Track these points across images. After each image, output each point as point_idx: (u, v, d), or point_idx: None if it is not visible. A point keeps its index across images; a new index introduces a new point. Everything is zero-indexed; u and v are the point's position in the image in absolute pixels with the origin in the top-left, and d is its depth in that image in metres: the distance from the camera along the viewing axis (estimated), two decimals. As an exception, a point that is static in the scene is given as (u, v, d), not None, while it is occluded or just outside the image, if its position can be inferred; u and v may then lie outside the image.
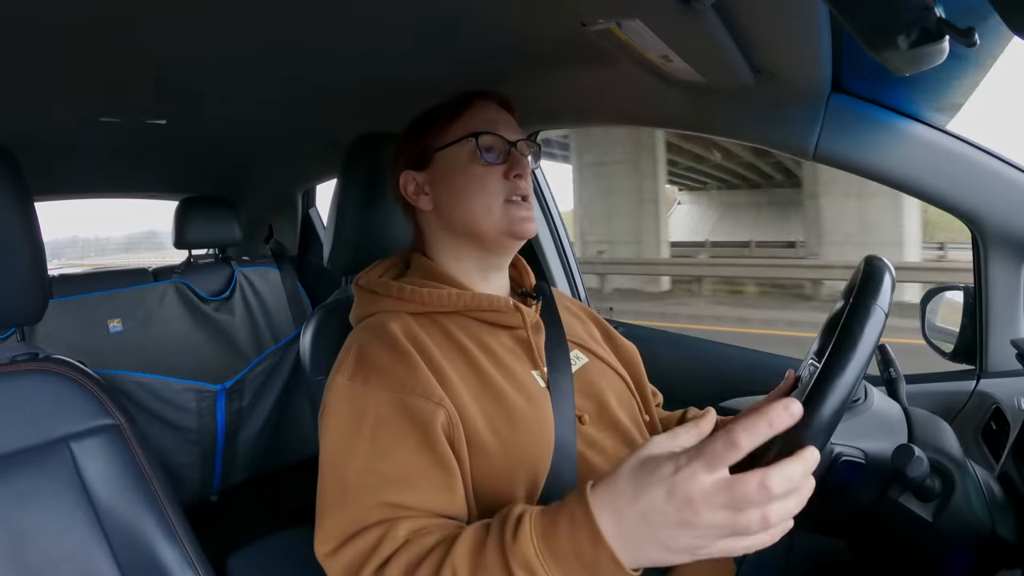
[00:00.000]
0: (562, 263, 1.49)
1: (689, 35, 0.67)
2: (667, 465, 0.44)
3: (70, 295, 1.53)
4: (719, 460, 0.43)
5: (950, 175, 0.83)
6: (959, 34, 0.46)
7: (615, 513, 0.45)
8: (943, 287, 0.97)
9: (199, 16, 0.78)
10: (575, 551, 0.46)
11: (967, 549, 0.57)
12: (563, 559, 0.46)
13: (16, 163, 0.76)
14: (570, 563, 0.46)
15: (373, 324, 0.71)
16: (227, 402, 1.53)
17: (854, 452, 0.59)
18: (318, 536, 0.59)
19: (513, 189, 0.74)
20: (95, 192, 2.01)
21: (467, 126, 0.75)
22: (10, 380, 0.77)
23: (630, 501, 0.45)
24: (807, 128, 0.85)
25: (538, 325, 0.77)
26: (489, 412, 0.66)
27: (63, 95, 1.05)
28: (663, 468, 0.44)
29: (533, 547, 0.47)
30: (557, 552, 0.47)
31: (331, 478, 0.61)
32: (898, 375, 0.71)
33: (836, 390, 0.52)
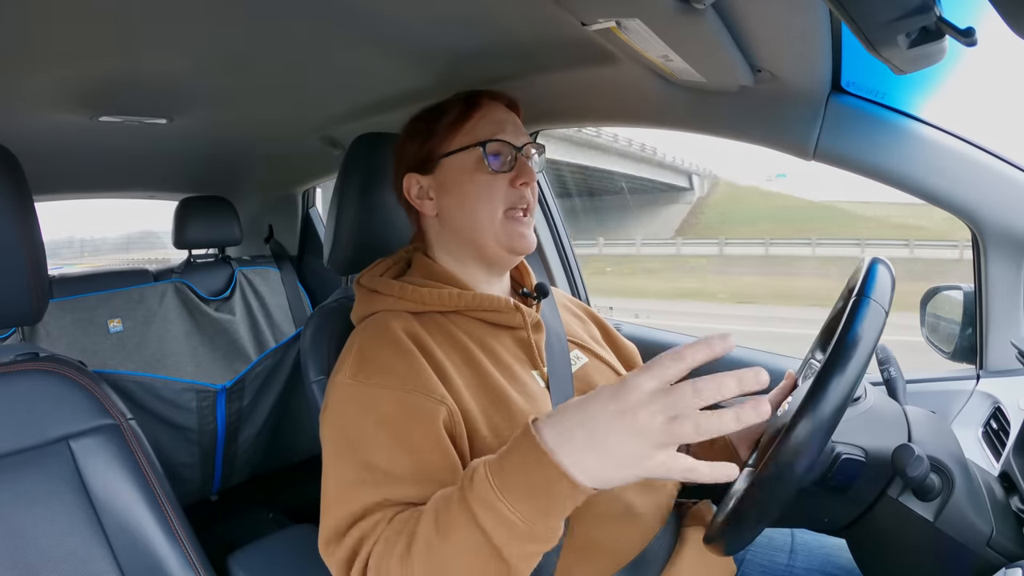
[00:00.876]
0: (563, 262, 1.49)
1: (689, 35, 0.67)
2: (614, 382, 0.46)
3: (70, 295, 1.53)
4: (661, 368, 0.44)
5: (950, 174, 0.83)
6: (959, 33, 0.47)
7: (558, 430, 0.46)
8: (943, 287, 0.97)
9: (199, 16, 0.78)
10: (526, 478, 0.46)
11: (967, 548, 0.57)
12: (517, 487, 0.47)
13: (16, 163, 0.76)
14: (524, 490, 0.46)
15: (375, 323, 0.71)
16: (227, 402, 1.53)
17: (855, 450, 0.59)
18: (320, 532, 0.60)
19: (518, 198, 0.74)
20: (95, 192, 2.01)
21: (475, 131, 0.74)
22: (10, 380, 0.77)
23: (573, 414, 0.46)
24: (807, 128, 0.85)
25: (538, 325, 0.77)
26: (489, 411, 0.66)
27: (63, 95, 1.05)
28: (609, 384, 0.46)
29: (488, 483, 0.47)
30: (510, 483, 0.47)
31: (334, 476, 0.61)
32: (898, 374, 0.71)
33: (837, 388, 0.52)
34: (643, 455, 0.44)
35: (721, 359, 0.46)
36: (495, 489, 0.47)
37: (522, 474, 0.46)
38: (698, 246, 17.76)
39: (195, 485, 1.59)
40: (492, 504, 0.47)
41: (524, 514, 0.46)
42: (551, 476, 0.45)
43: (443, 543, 0.49)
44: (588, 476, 0.45)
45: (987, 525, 0.57)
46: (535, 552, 0.49)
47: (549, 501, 0.46)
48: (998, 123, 1.06)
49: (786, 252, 15.17)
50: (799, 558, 0.82)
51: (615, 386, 0.46)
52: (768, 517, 0.54)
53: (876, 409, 0.63)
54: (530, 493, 0.46)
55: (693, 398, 0.43)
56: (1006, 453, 0.71)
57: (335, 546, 0.57)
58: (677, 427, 0.43)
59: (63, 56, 0.88)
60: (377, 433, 0.61)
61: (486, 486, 0.47)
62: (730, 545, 0.58)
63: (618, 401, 0.44)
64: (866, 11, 0.48)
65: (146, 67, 0.96)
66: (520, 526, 0.46)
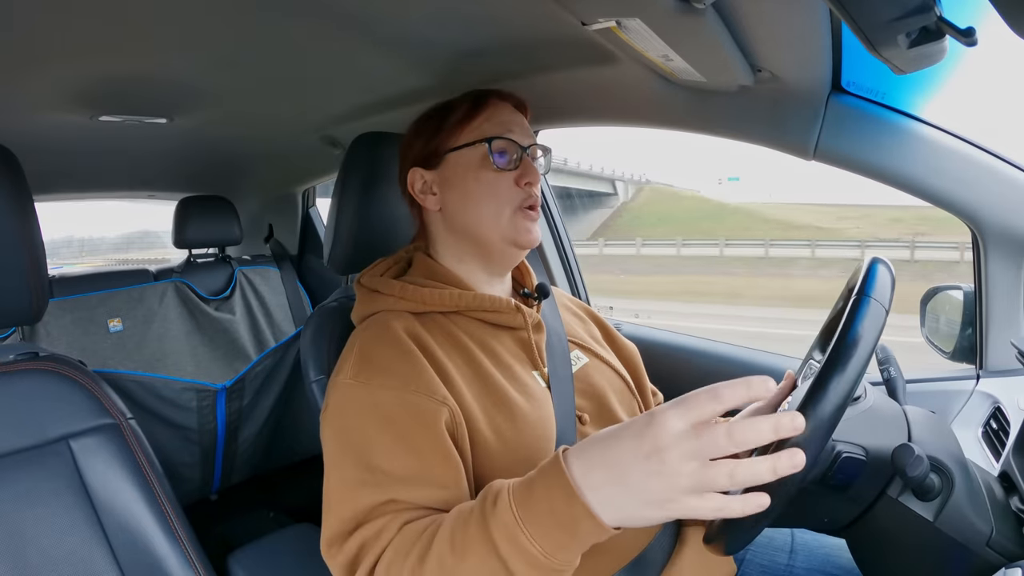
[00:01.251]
0: (563, 262, 1.49)
1: (689, 34, 0.67)
2: (643, 417, 0.45)
3: (70, 294, 1.53)
4: (695, 408, 0.42)
5: (950, 174, 0.83)
6: (959, 33, 0.47)
7: (587, 465, 0.45)
8: (943, 287, 0.97)
9: (199, 15, 0.78)
10: (550, 510, 0.46)
11: (967, 548, 0.57)
12: (541, 520, 0.46)
13: (16, 163, 0.76)
14: (548, 523, 0.46)
15: (376, 323, 0.71)
16: (227, 401, 1.53)
17: (855, 450, 0.59)
18: (323, 533, 0.60)
19: (525, 198, 0.74)
20: (95, 192, 2.01)
21: (481, 129, 0.74)
22: (10, 379, 0.77)
23: (602, 451, 0.45)
24: (807, 127, 0.85)
25: (539, 325, 0.77)
26: (491, 412, 0.66)
27: (63, 95, 1.05)
28: (638, 419, 0.45)
29: (512, 513, 0.47)
30: (534, 514, 0.46)
31: (335, 476, 0.61)
32: (898, 374, 0.71)
33: (837, 387, 0.52)
34: (671, 499, 0.42)
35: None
36: (518, 520, 0.46)
37: (547, 508, 0.46)
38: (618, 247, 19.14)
39: (195, 485, 1.59)
40: (514, 534, 0.46)
41: (545, 547, 0.46)
42: (577, 514, 0.44)
43: (458, 563, 0.49)
44: (614, 515, 0.44)
45: (987, 525, 0.57)
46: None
47: (572, 537, 0.45)
48: (998, 123, 1.06)
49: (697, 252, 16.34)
50: (799, 558, 0.82)
51: (643, 423, 0.44)
52: (768, 517, 0.54)
53: (876, 409, 0.63)
54: (554, 527, 0.46)
55: (727, 444, 0.41)
56: (1006, 453, 0.71)
57: (337, 548, 0.57)
58: (711, 474, 0.41)
59: (63, 56, 0.87)
60: (378, 434, 0.60)
61: (509, 515, 0.47)
62: (730, 545, 0.58)
63: (645, 441, 0.42)
64: (866, 11, 0.48)
65: (146, 67, 0.96)
66: (540, 559, 0.46)
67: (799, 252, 14.68)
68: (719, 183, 25.27)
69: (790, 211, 20.58)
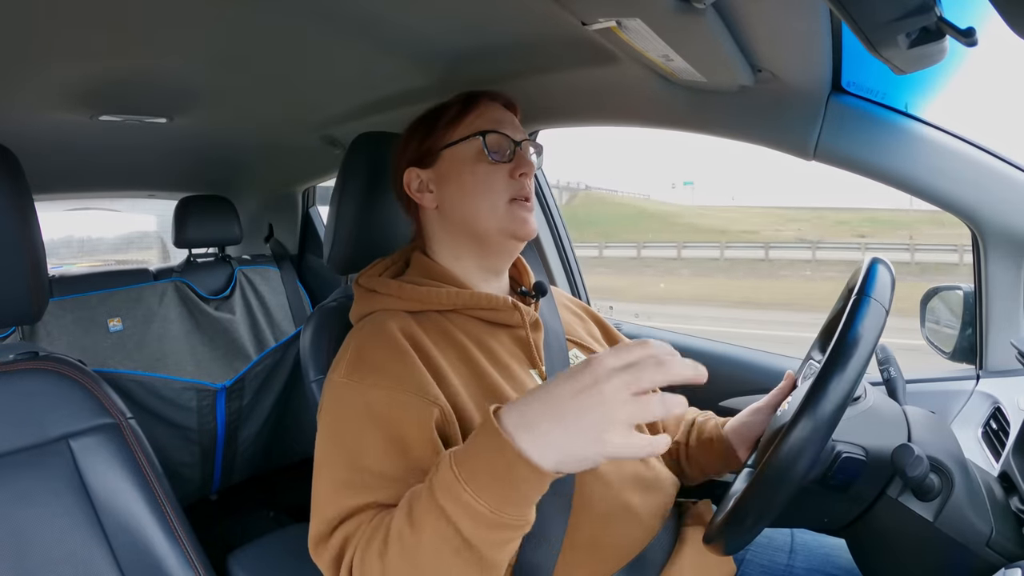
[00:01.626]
0: (562, 262, 1.49)
1: (689, 34, 0.67)
2: (580, 361, 0.47)
3: (70, 294, 1.53)
4: (627, 350, 0.46)
5: (950, 174, 0.83)
6: (959, 33, 0.47)
7: (518, 413, 0.46)
8: (943, 287, 0.97)
9: (199, 16, 0.78)
10: (487, 464, 0.46)
11: (967, 548, 0.57)
12: (479, 475, 0.46)
13: (16, 163, 0.76)
14: (486, 477, 0.46)
15: (371, 323, 0.71)
16: (227, 401, 1.53)
17: (855, 449, 0.59)
18: (310, 532, 0.60)
19: (519, 189, 0.74)
20: (95, 191, 2.01)
21: (474, 124, 0.75)
22: (10, 379, 0.77)
23: (538, 393, 0.47)
24: (807, 128, 0.85)
25: (537, 323, 0.77)
26: (486, 410, 0.66)
27: (63, 94, 1.05)
28: (576, 364, 0.47)
29: (453, 472, 0.47)
30: (472, 470, 0.47)
31: (324, 475, 0.61)
32: (898, 374, 0.71)
33: (837, 388, 0.52)
34: (606, 429, 0.44)
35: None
36: (459, 479, 0.47)
37: (483, 461, 0.46)
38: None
39: (195, 485, 1.59)
40: (457, 494, 0.47)
41: (489, 502, 0.46)
42: (510, 460, 0.45)
43: (416, 536, 0.49)
44: (548, 457, 0.45)
45: (987, 525, 0.57)
46: (507, 539, 0.48)
47: (512, 486, 0.46)
48: (998, 123, 1.06)
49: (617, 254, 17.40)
50: (799, 558, 0.82)
51: (580, 365, 0.46)
52: (768, 517, 0.54)
53: (876, 409, 0.63)
54: (492, 479, 0.46)
55: (656, 372, 0.44)
56: (1006, 453, 0.71)
57: (323, 547, 0.58)
58: (643, 402, 0.44)
59: (64, 56, 0.87)
60: (368, 433, 0.61)
61: (450, 476, 0.47)
62: (730, 545, 0.58)
63: (583, 376, 0.45)
64: (866, 11, 0.48)
65: (146, 66, 0.96)
66: (487, 515, 0.46)
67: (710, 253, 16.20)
68: (672, 187, 26.25)
69: (738, 214, 22.03)
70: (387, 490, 0.58)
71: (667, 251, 16.56)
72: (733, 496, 0.64)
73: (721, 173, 44.53)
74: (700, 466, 0.85)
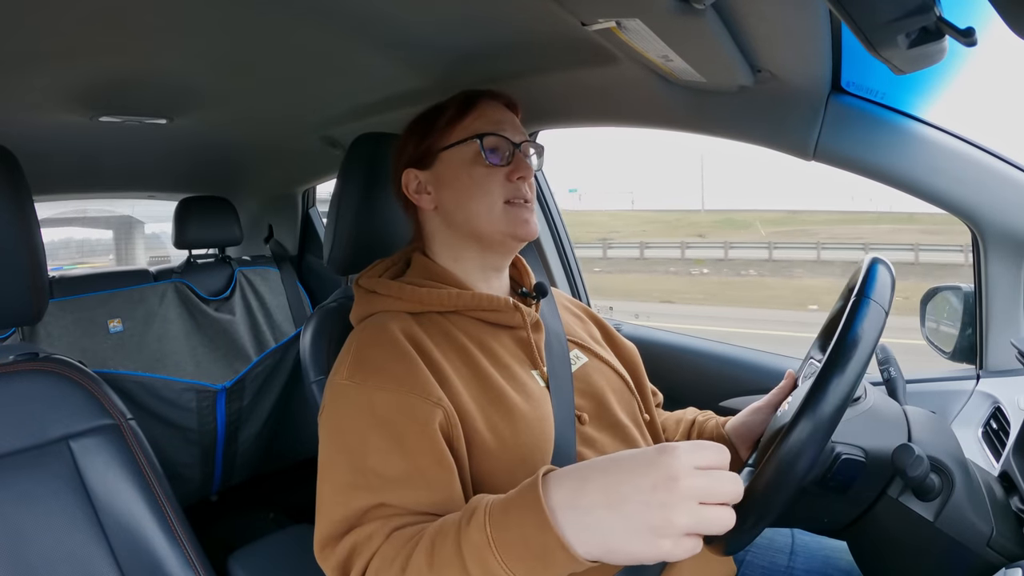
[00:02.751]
0: (563, 263, 1.49)
1: (689, 35, 0.67)
2: (653, 448, 0.44)
3: (70, 295, 1.53)
4: (706, 451, 0.43)
5: (950, 174, 0.83)
6: (959, 33, 0.47)
7: (576, 489, 0.44)
8: (943, 287, 0.97)
9: (199, 17, 0.78)
10: (523, 538, 0.44)
11: (967, 549, 0.56)
12: (512, 546, 0.45)
13: (16, 163, 0.76)
14: (520, 550, 0.44)
15: (373, 324, 0.71)
16: (227, 402, 1.53)
17: (854, 451, 0.59)
18: (316, 535, 0.60)
19: (515, 192, 0.74)
20: (95, 192, 2.01)
21: (472, 127, 0.75)
22: (10, 380, 0.77)
23: (601, 473, 0.44)
24: (807, 128, 0.85)
25: (538, 324, 0.77)
26: (488, 412, 0.66)
27: (63, 95, 1.05)
28: (648, 449, 0.44)
29: (485, 534, 0.46)
30: (507, 539, 0.45)
31: (328, 477, 0.61)
32: (898, 374, 0.71)
33: (837, 388, 0.52)
34: (663, 533, 0.41)
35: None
36: (491, 542, 0.45)
37: (519, 533, 0.45)
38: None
39: (195, 485, 1.59)
40: (484, 557, 0.45)
41: (516, 573, 0.45)
42: (549, 543, 0.43)
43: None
44: (591, 547, 0.43)
45: (987, 525, 0.57)
46: None
47: (544, 566, 0.44)
48: (998, 123, 1.06)
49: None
50: (799, 559, 0.82)
51: (654, 452, 0.43)
52: (768, 517, 0.54)
53: (876, 409, 0.63)
54: (525, 554, 0.44)
55: (733, 486, 0.42)
56: (1006, 453, 0.70)
57: (329, 551, 0.57)
58: (709, 513, 0.41)
59: (64, 56, 0.88)
60: (372, 435, 0.60)
61: (482, 537, 0.46)
62: (730, 545, 0.58)
63: (657, 470, 0.41)
64: (866, 11, 0.48)
65: (146, 67, 0.96)
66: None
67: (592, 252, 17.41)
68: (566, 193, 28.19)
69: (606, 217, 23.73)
70: (394, 492, 0.58)
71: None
72: None
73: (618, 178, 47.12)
74: None
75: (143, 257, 9.97)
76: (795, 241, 15.14)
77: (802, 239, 15.04)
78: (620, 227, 21.06)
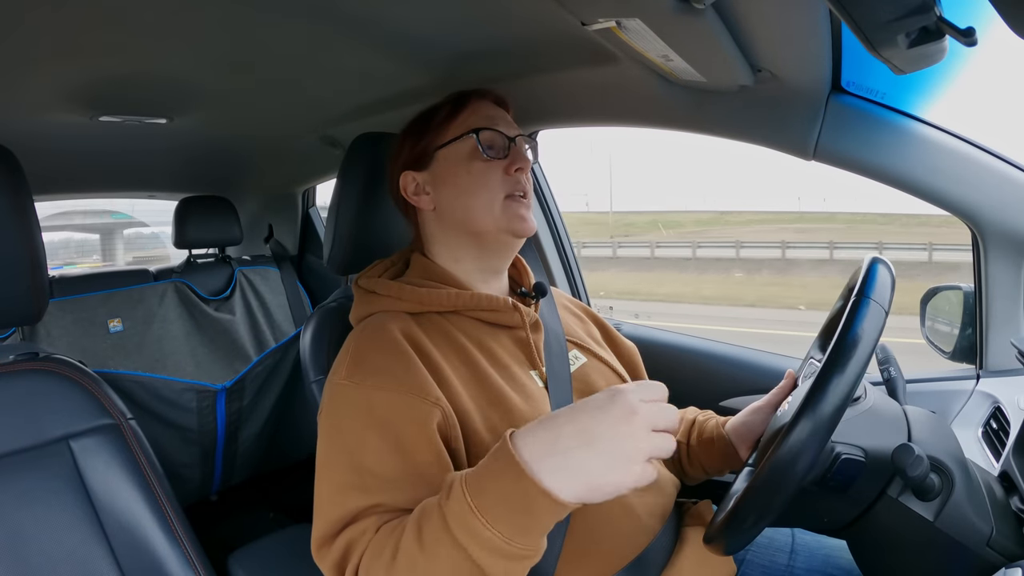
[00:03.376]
0: (562, 262, 1.49)
1: (689, 34, 0.67)
2: (603, 392, 0.48)
3: (70, 295, 1.53)
4: (649, 388, 0.49)
5: (950, 174, 0.83)
6: (959, 33, 0.46)
7: (537, 440, 0.47)
8: (943, 287, 0.97)
9: (199, 17, 0.78)
10: (503, 495, 0.46)
11: (967, 548, 0.56)
12: (495, 506, 0.46)
13: (16, 163, 0.76)
14: (502, 508, 0.46)
15: (372, 324, 0.71)
16: (227, 402, 1.54)
17: (854, 450, 0.59)
18: (312, 534, 0.60)
19: (515, 185, 0.74)
20: (95, 192, 2.01)
21: (467, 123, 0.75)
22: (10, 380, 0.77)
23: (563, 423, 0.47)
24: (807, 128, 0.85)
25: (537, 324, 0.77)
26: (487, 412, 0.66)
27: (63, 95, 1.05)
28: (598, 395, 0.48)
29: (466, 501, 0.47)
30: (487, 500, 0.46)
31: (326, 477, 0.61)
32: (898, 374, 0.71)
33: (837, 388, 0.52)
34: (633, 459, 0.45)
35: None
36: (473, 508, 0.46)
37: (499, 491, 0.46)
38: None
39: (195, 485, 1.59)
40: (470, 523, 0.46)
41: (504, 532, 0.46)
42: (530, 492, 0.45)
43: (425, 558, 0.49)
44: (573, 488, 0.45)
45: (987, 525, 0.57)
46: (519, 568, 0.48)
47: (529, 518, 0.46)
48: (998, 123, 1.06)
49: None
50: (799, 558, 0.82)
51: (606, 395, 0.48)
52: (768, 517, 0.54)
53: (876, 409, 0.63)
54: (508, 510, 0.46)
55: (673, 413, 0.48)
56: (1006, 453, 0.71)
57: (326, 550, 0.58)
58: (662, 437, 0.46)
59: (63, 56, 0.87)
60: (370, 435, 0.60)
61: (463, 504, 0.47)
62: (730, 545, 0.58)
63: (614, 407, 0.46)
64: (866, 11, 0.47)
65: (146, 67, 0.96)
66: (501, 545, 0.46)
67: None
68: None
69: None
70: (390, 492, 0.58)
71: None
72: (733, 496, 0.64)
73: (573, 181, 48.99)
74: (701, 465, 0.85)
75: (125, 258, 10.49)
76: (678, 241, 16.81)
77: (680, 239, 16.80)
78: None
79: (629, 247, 17.37)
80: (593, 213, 27.47)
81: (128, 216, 9.52)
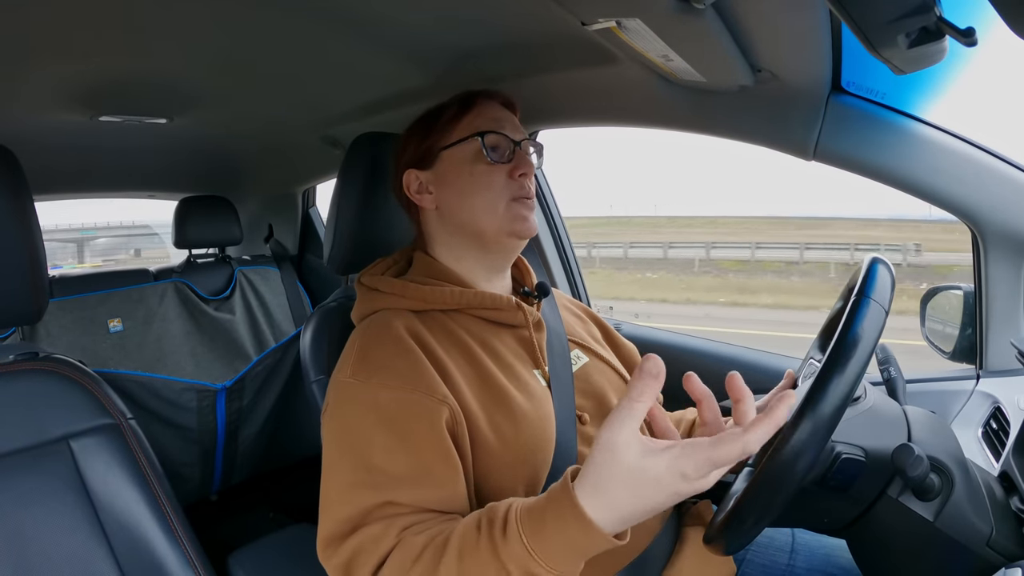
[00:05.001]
0: (563, 263, 1.49)
1: (689, 34, 0.67)
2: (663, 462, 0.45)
3: (70, 294, 1.53)
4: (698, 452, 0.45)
5: (950, 174, 0.83)
6: (959, 33, 0.47)
7: (607, 500, 0.46)
8: (943, 287, 0.97)
9: (199, 16, 0.78)
10: (566, 542, 0.47)
11: (967, 548, 0.57)
12: (557, 552, 0.47)
13: (16, 163, 0.76)
14: (564, 552, 0.47)
15: (376, 322, 0.71)
16: (227, 401, 1.53)
17: (854, 450, 0.59)
18: (319, 534, 0.59)
19: (518, 189, 0.74)
20: (95, 192, 2.01)
21: (473, 124, 0.75)
22: (10, 379, 0.77)
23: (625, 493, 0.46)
24: (807, 128, 0.85)
25: (540, 323, 0.77)
26: (491, 411, 0.66)
27: (63, 95, 1.05)
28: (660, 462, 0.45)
29: (524, 545, 0.47)
30: (549, 546, 0.47)
31: (333, 475, 0.61)
32: (898, 374, 0.71)
33: (837, 388, 0.52)
34: (677, 499, 0.46)
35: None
36: (531, 553, 0.47)
37: (562, 540, 0.47)
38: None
39: (195, 485, 1.59)
40: (528, 566, 0.47)
41: (559, 569, 0.48)
42: (597, 542, 0.46)
43: None
44: (622, 525, 0.47)
45: (987, 525, 0.57)
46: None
47: (585, 558, 0.48)
48: (999, 123, 1.06)
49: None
50: (799, 558, 0.82)
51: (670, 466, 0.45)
52: (768, 517, 0.54)
53: (876, 409, 0.63)
54: (571, 555, 0.47)
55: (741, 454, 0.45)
56: (1006, 453, 0.71)
57: (333, 550, 0.57)
58: (707, 480, 0.46)
59: (63, 56, 0.88)
60: (378, 433, 0.60)
61: (521, 548, 0.48)
62: (730, 545, 0.58)
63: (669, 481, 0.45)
64: (866, 11, 0.47)
65: (146, 67, 0.96)
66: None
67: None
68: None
69: None
70: (400, 490, 0.57)
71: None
72: (733, 496, 0.64)
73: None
74: None
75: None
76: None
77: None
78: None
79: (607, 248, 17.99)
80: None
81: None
